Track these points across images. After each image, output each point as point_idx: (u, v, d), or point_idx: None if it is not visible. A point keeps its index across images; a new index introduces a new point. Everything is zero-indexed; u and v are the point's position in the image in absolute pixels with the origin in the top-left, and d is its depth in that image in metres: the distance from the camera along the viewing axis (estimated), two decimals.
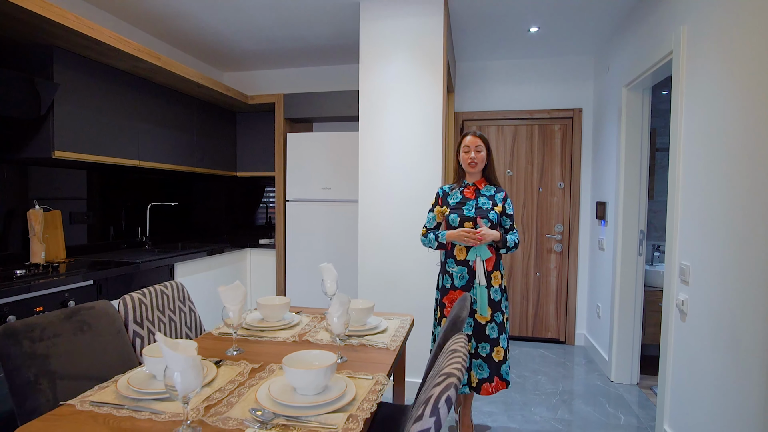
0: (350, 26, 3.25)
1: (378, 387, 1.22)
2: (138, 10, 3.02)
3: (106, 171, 3.09)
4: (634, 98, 3.03)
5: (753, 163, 1.65)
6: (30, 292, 1.97)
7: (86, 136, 2.55)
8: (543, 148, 3.99)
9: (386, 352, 1.52)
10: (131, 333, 1.58)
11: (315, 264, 3.69)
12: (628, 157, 3.06)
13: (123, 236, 3.29)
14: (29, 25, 2.12)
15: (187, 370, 0.94)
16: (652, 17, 2.61)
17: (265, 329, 1.72)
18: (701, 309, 2.00)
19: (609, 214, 3.38)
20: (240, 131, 4.14)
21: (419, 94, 2.85)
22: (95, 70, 2.62)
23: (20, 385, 1.18)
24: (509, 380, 2.28)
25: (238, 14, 3.09)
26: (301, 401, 1.08)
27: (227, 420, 1.04)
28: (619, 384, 3.13)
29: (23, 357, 1.20)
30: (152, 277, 2.76)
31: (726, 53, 1.85)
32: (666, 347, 2.30)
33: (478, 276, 2.18)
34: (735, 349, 1.73)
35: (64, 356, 1.30)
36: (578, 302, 3.98)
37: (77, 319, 1.40)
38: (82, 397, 1.14)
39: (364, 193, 2.95)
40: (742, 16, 1.74)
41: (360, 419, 1.04)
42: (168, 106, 3.25)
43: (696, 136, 2.09)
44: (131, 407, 1.09)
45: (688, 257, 2.13)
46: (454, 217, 2.24)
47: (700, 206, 2.03)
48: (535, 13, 3.04)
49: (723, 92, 1.87)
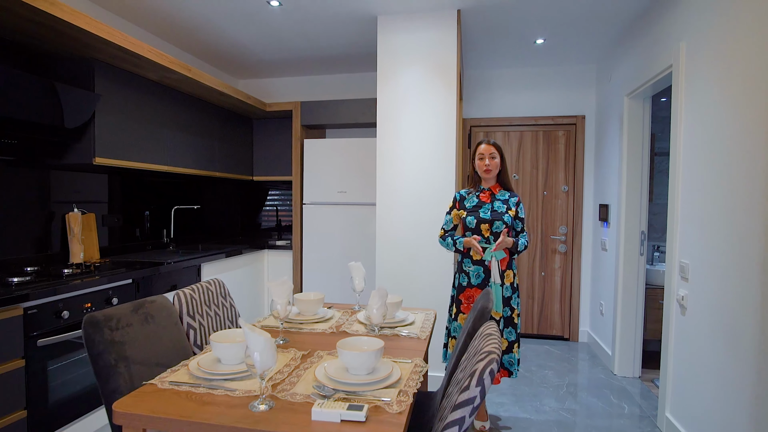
0: (366, 37, 3.42)
1: (418, 368, 1.38)
2: (164, 23, 3.18)
3: (129, 175, 3.24)
4: (635, 107, 3.20)
5: (747, 168, 1.82)
6: (79, 290, 2.13)
7: (122, 143, 2.71)
8: (547, 153, 4.17)
9: (417, 341, 1.68)
10: (185, 324, 1.73)
11: (330, 264, 3.85)
12: (629, 162, 3.23)
13: (148, 238, 3.45)
14: (74, 40, 2.28)
15: (265, 351, 1.10)
16: (652, 32, 2.79)
17: (304, 322, 1.88)
18: (700, 303, 2.17)
19: (611, 216, 3.56)
20: (256, 136, 4.31)
21: (433, 103, 3.02)
22: (130, 81, 2.78)
23: (103, 368, 1.34)
24: (513, 371, 2.41)
25: (264, 28, 3.26)
26: (355, 379, 1.24)
27: (294, 395, 1.19)
28: (622, 377, 3.30)
29: (105, 343, 1.35)
30: (182, 276, 2.92)
31: (721, 68, 2.02)
32: (667, 339, 2.47)
33: (493, 275, 2.35)
34: (732, 340, 1.90)
35: (135, 343, 1.46)
36: (582, 300, 4.15)
37: (143, 311, 1.55)
38: (159, 378, 1.30)
39: (382, 196, 3.11)
40: (736, 36, 1.91)
41: (409, 393, 1.20)
42: (192, 114, 3.41)
43: (694, 144, 2.26)
44: (206, 386, 1.25)
45: (688, 255, 2.30)
46: (471, 219, 2.40)
47: (699, 208, 2.20)
48: (542, 26, 3.22)
49: (719, 103, 2.04)
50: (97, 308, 2.22)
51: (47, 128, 2.32)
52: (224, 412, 1.11)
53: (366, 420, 1.06)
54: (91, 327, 1.35)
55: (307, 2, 2.84)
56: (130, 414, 1.12)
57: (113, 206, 3.11)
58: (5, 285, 1.96)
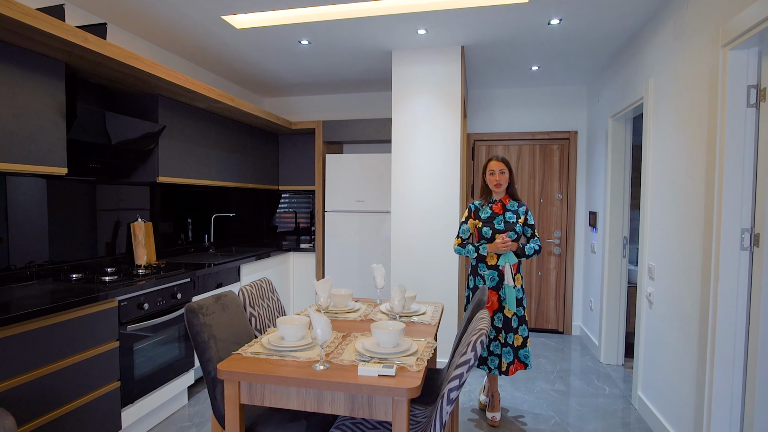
0: (381, 65, 3.90)
1: (430, 344, 1.86)
2: (204, 54, 3.68)
3: (173, 187, 3.73)
4: (618, 127, 3.66)
5: (691, 187, 2.28)
6: (154, 287, 2.63)
7: (179, 164, 3.22)
8: (543, 164, 4.63)
9: (429, 326, 2.16)
10: (248, 313, 2.22)
11: (349, 265, 4.34)
12: (613, 175, 3.68)
13: (190, 242, 3.95)
14: (146, 82, 2.78)
15: (325, 327, 1.58)
16: (630, 65, 3.24)
17: (338, 312, 2.36)
18: (662, 298, 2.63)
19: (599, 222, 4.01)
20: (281, 150, 4.81)
21: (440, 125, 3.49)
22: (185, 111, 3.29)
23: (200, 342, 1.83)
24: (528, 363, 2.76)
25: (292, 60, 3.75)
26: (384, 351, 1.72)
27: (343, 360, 1.68)
28: (607, 365, 3.76)
29: (200, 325, 1.84)
30: (226, 275, 3.42)
31: (676, 103, 2.48)
32: (639, 329, 2.93)
33: (507, 278, 2.70)
34: (683, 325, 2.36)
35: (218, 326, 1.95)
36: (575, 298, 4.61)
37: (221, 302, 2.04)
38: (243, 350, 1.78)
39: (396, 205, 3.60)
40: (688, 73, 2.37)
41: (424, 359, 1.68)
42: (230, 134, 3.91)
43: (658, 165, 2.72)
44: (277, 355, 1.74)
45: (654, 258, 2.76)
46: (487, 230, 2.75)
47: (661, 218, 2.66)
48: (535, 57, 3.68)
49: (674, 131, 2.50)
50: (166, 302, 2.72)
51: (123, 153, 2.83)
52: (295, 371, 1.59)
53: (395, 375, 1.54)
54: (191, 313, 1.84)
55: (332, 40, 3.32)
56: (229, 371, 1.61)
57: (160, 215, 3.62)
58: (101, 282, 2.47)
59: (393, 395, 1.46)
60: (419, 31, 3.14)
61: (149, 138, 2.88)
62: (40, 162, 2.22)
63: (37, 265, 2.55)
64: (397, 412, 1.49)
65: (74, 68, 2.47)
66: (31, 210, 2.51)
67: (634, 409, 2.95)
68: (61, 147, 2.33)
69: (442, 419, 1.52)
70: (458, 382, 1.52)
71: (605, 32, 3.13)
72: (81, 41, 2.13)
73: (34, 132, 2.19)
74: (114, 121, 2.57)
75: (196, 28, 3.08)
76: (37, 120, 2.20)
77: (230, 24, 3.01)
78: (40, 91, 2.22)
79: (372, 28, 3.08)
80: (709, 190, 2.09)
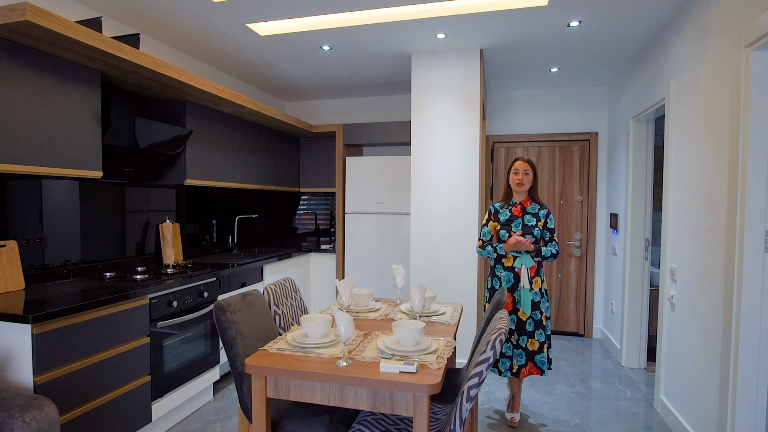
0: (400, 69, 3.95)
1: (450, 343, 1.90)
2: (228, 61, 3.80)
3: (198, 190, 3.86)
4: (640, 128, 3.63)
5: (714, 191, 2.26)
6: (182, 285, 2.73)
7: (205, 167, 3.33)
8: (563, 166, 4.61)
9: (448, 326, 2.20)
10: (272, 311, 2.30)
11: (368, 265, 4.40)
12: (634, 177, 3.65)
13: (215, 243, 4.07)
14: (174, 89, 2.89)
15: (348, 325, 1.63)
16: (651, 66, 3.22)
17: (359, 311, 2.42)
18: (685, 301, 2.60)
19: (620, 224, 3.98)
20: (302, 153, 4.91)
21: (459, 127, 3.53)
22: (211, 116, 3.40)
23: (228, 339, 1.90)
24: (544, 369, 2.72)
25: (313, 65, 3.84)
26: (405, 349, 1.76)
27: (365, 357, 1.73)
28: (629, 368, 3.72)
29: (228, 322, 1.92)
30: (250, 275, 3.51)
31: (698, 103, 2.46)
32: (661, 332, 2.91)
33: (522, 281, 2.70)
34: (705, 327, 2.34)
35: (245, 323, 2.02)
36: (595, 300, 4.57)
37: (247, 300, 2.12)
38: (268, 346, 1.85)
39: (415, 207, 3.64)
40: (710, 74, 2.36)
41: (444, 357, 1.72)
42: (253, 137, 4.02)
43: (680, 166, 2.70)
44: (302, 352, 1.80)
45: (676, 260, 2.73)
46: (504, 233, 2.75)
47: (683, 219, 2.64)
48: (555, 60, 3.68)
49: (696, 133, 2.48)
50: (193, 300, 2.83)
51: (153, 156, 2.95)
52: (319, 367, 1.65)
53: (416, 372, 1.58)
54: (219, 310, 1.92)
55: (352, 46, 3.39)
56: (256, 366, 1.67)
57: (186, 216, 3.74)
58: (133, 281, 2.58)
59: (414, 391, 1.51)
60: (438, 35, 3.18)
61: (178, 142, 3.00)
62: (78, 166, 2.34)
63: (72, 263, 2.68)
64: (418, 408, 1.53)
65: (109, 76, 2.59)
66: (65, 211, 2.64)
67: (656, 413, 2.92)
68: (96, 152, 2.45)
69: (462, 416, 1.55)
70: (478, 380, 1.55)
71: (625, 34, 3.12)
72: (116, 51, 2.24)
73: (72, 137, 2.31)
74: (145, 126, 2.69)
75: (222, 36, 3.19)
76: (75, 126, 2.32)
77: (254, 31, 3.10)
78: (78, 98, 2.34)
79: (392, 33, 3.14)
80: (732, 191, 2.07)
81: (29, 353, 1.84)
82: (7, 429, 1.54)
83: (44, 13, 1.88)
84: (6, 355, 1.88)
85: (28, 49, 2.09)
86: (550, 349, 2.77)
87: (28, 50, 2.09)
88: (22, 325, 1.84)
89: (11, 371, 1.87)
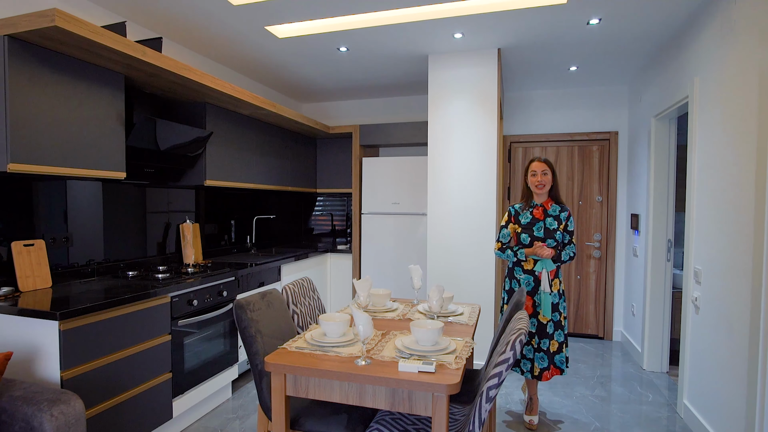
0: (417, 69, 3.95)
1: (468, 344, 1.89)
2: (246, 63, 3.84)
3: (216, 190, 3.91)
4: (662, 127, 3.55)
5: (740, 191, 2.21)
6: (202, 284, 2.77)
7: (224, 168, 3.38)
8: (582, 166, 4.54)
9: (466, 326, 2.18)
10: (291, 310, 2.32)
11: (385, 265, 4.40)
12: (656, 177, 3.58)
13: (233, 243, 4.12)
14: (195, 91, 2.94)
15: (367, 324, 1.64)
16: (673, 64, 3.15)
17: (377, 311, 2.42)
18: (710, 303, 2.54)
19: (641, 224, 3.90)
20: (319, 154, 4.94)
21: (477, 127, 3.51)
22: (230, 117, 3.45)
23: (248, 337, 1.93)
24: (563, 368, 2.71)
25: (330, 66, 3.86)
26: (424, 349, 1.76)
27: (383, 356, 1.73)
28: (651, 372, 3.65)
29: (248, 320, 1.95)
30: (268, 275, 3.55)
31: (724, 101, 2.41)
32: (685, 335, 2.84)
33: (543, 284, 2.66)
34: (729, 333, 2.28)
35: (264, 321, 2.04)
36: (615, 302, 4.49)
37: (266, 299, 2.14)
38: (287, 345, 1.87)
39: (432, 207, 3.63)
40: (736, 71, 2.30)
41: (463, 357, 1.71)
42: (271, 139, 4.06)
43: (704, 165, 2.64)
44: (320, 350, 1.81)
45: (700, 262, 2.67)
46: (525, 236, 2.70)
47: (707, 220, 2.58)
48: (574, 59, 3.64)
49: (721, 131, 2.42)
50: (213, 299, 2.87)
51: (174, 158, 3.00)
52: (337, 366, 1.66)
53: (435, 371, 1.58)
54: (239, 308, 1.94)
55: (369, 46, 3.40)
56: (276, 364, 1.69)
57: (205, 217, 3.79)
58: (155, 279, 2.63)
59: (433, 391, 1.50)
60: (456, 35, 3.17)
61: (198, 143, 3.05)
62: (102, 167, 2.40)
63: (96, 262, 2.74)
64: (437, 408, 1.53)
65: (131, 79, 2.65)
66: (89, 212, 2.70)
67: (679, 418, 2.86)
68: (120, 153, 2.50)
69: (482, 416, 1.54)
70: (497, 381, 1.54)
71: (647, 31, 3.06)
72: (140, 54, 2.29)
73: (97, 139, 2.37)
74: (166, 128, 2.74)
75: (241, 39, 3.23)
76: (99, 128, 2.38)
77: (273, 34, 3.14)
78: (103, 101, 2.40)
79: (409, 33, 3.14)
80: (760, 191, 2.02)
81: (56, 349, 1.89)
82: (36, 422, 1.59)
83: (72, 19, 1.93)
84: (35, 350, 1.93)
85: (55, 53, 2.15)
86: (567, 348, 2.74)
87: (55, 55, 2.15)
88: (49, 322, 1.89)
89: (40, 366, 1.92)
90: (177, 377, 2.56)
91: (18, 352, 1.96)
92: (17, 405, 1.64)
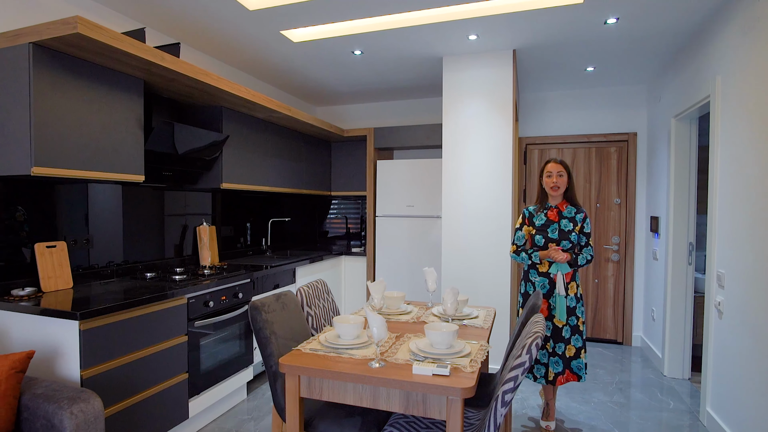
0: (431, 72, 3.94)
1: (483, 347, 1.86)
2: (262, 67, 3.89)
3: (232, 193, 3.95)
4: (682, 128, 3.48)
5: (764, 188, 2.14)
6: (218, 286, 2.80)
7: (240, 171, 3.41)
8: (600, 168, 4.47)
9: (482, 329, 2.16)
10: (305, 312, 2.33)
11: (399, 268, 4.39)
12: (677, 178, 3.50)
13: (249, 245, 4.16)
14: (212, 95, 2.99)
15: (381, 326, 1.63)
16: (694, 63, 3.09)
17: (391, 314, 2.42)
18: (734, 307, 2.47)
19: (661, 227, 3.82)
20: (334, 157, 4.96)
21: (491, 129, 3.48)
22: (246, 121, 3.49)
23: (262, 338, 1.94)
24: (581, 375, 2.65)
25: (344, 70, 3.88)
26: (438, 352, 1.74)
27: (397, 359, 1.72)
28: (672, 378, 3.56)
29: (263, 322, 1.96)
30: (283, 277, 3.57)
31: (749, 101, 2.34)
32: (707, 341, 2.77)
33: (558, 287, 2.62)
34: (756, 338, 2.21)
35: (278, 323, 2.05)
36: (635, 307, 4.40)
37: (281, 301, 2.15)
38: (302, 346, 1.87)
39: (447, 210, 3.61)
40: (761, 69, 2.24)
41: (478, 360, 1.69)
42: (286, 142, 4.09)
43: (727, 166, 2.57)
44: (334, 352, 1.81)
45: (724, 265, 2.60)
46: (540, 238, 2.67)
47: (730, 222, 2.51)
48: (591, 59, 3.59)
49: (744, 131, 2.36)
50: (229, 301, 2.89)
51: (191, 161, 3.05)
52: (351, 368, 1.66)
53: (450, 375, 1.56)
54: (255, 310, 1.96)
55: (383, 49, 3.41)
56: (290, 365, 1.69)
57: (221, 219, 3.84)
58: (173, 281, 2.67)
59: (447, 394, 1.49)
60: (470, 36, 3.15)
61: (215, 147, 3.09)
62: (122, 170, 2.44)
63: (115, 264, 2.79)
64: (452, 412, 1.51)
65: (150, 84, 2.70)
66: (109, 214, 2.76)
67: (702, 426, 2.78)
68: (139, 156, 2.55)
69: (497, 421, 1.52)
70: (513, 384, 1.52)
71: (665, 30, 3.00)
72: (158, 60, 2.34)
73: (117, 143, 2.42)
74: (184, 132, 2.78)
75: (257, 43, 3.27)
76: (119, 132, 2.43)
77: (288, 38, 3.17)
78: (122, 106, 2.45)
79: (423, 35, 3.13)
80: None
81: (77, 348, 1.93)
82: (56, 419, 1.62)
83: (94, 26, 1.98)
84: (55, 349, 1.97)
85: (77, 59, 2.20)
86: (585, 354, 2.69)
87: (77, 61, 2.20)
88: (70, 321, 1.93)
89: (60, 365, 1.96)
90: (193, 378, 2.58)
91: (39, 351, 2.01)
92: (39, 402, 1.67)
